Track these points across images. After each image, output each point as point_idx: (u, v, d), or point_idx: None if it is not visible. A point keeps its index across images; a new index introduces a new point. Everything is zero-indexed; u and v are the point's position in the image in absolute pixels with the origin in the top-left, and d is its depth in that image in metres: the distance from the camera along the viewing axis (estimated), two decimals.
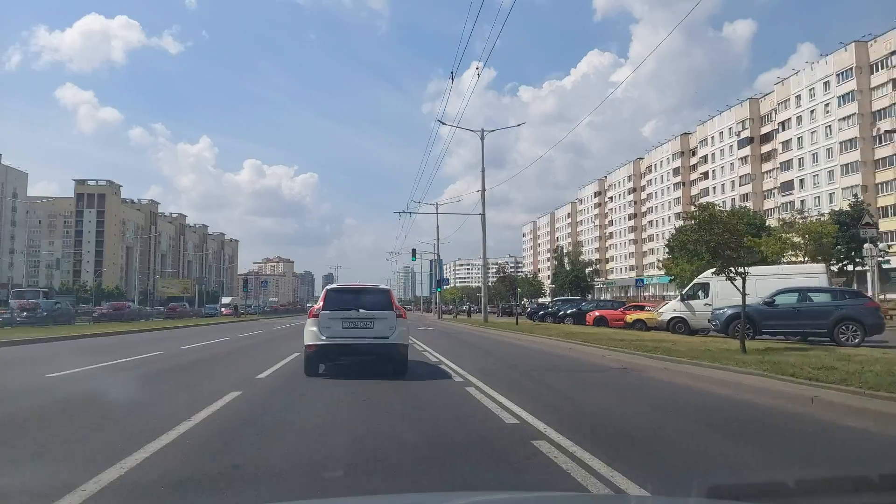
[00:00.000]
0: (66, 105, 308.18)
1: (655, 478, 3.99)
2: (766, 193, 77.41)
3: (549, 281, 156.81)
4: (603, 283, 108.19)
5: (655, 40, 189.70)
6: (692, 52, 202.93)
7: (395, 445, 4.95)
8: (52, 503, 3.41)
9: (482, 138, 31.75)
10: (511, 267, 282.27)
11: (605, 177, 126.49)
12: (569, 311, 30.67)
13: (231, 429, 5.55)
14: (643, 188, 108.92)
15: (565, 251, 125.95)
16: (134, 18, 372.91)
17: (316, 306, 10.02)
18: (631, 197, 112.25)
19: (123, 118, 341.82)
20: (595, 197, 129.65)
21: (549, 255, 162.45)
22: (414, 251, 49.40)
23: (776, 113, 75.13)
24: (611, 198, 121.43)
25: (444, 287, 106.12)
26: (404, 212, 35.73)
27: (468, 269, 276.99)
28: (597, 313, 27.41)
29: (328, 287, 10.61)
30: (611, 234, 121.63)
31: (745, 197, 79.33)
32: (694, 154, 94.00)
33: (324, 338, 9.36)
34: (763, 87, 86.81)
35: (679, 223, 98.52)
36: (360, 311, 9.64)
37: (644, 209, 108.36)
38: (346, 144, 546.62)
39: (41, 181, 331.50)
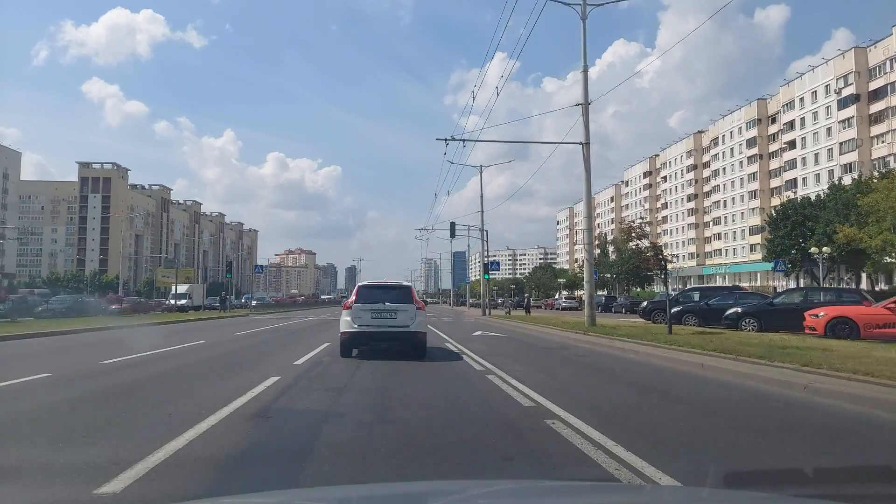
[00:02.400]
0: (93, 99, 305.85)
1: None
2: (876, 163, 63.16)
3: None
4: (657, 273, 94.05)
5: (685, 28, 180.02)
6: (722, 40, 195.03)
7: None
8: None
9: (584, 18, 18.94)
10: (540, 258, 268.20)
11: (657, 154, 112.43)
12: (744, 310, 17.51)
13: None
14: (707, 164, 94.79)
15: (608, 238, 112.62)
16: (159, 12, 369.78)
17: (349, 300, 11.72)
18: (691, 175, 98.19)
19: (149, 111, 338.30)
20: (644, 177, 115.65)
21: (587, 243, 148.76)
22: (453, 225, 37.00)
23: (894, 62, 60.80)
24: (664, 177, 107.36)
25: (470, 279, 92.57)
26: (451, 138, 22.60)
27: (494, 259, 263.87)
28: (822, 312, 14.46)
29: (359, 284, 12.48)
30: (664, 217, 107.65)
31: (847, 168, 65.17)
32: (774, 121, 79.71)
33: (356, 326, 11.22)
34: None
35: (756, 203, 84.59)
36: (386, 304, 11.28)
37: (707, 188, 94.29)
38: (368, 137, 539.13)
39: (70, 175, 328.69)
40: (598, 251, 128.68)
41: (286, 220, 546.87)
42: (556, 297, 69.36)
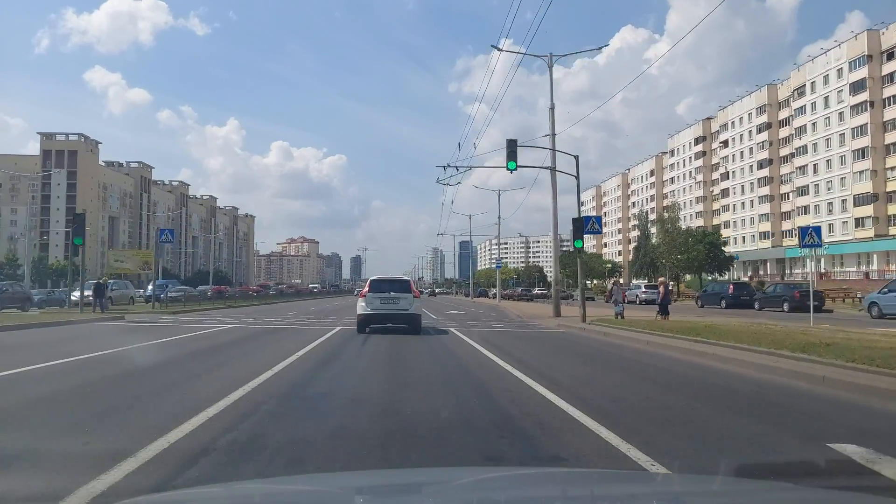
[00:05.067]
0: (95, 87, 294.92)
1: None
2: None
3: (621, 257, 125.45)
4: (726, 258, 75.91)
5: (695, 12, 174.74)
6: (733, 25, 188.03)
7: None
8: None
9: None
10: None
11: (713, 116, 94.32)
12: None
13: None
14: (786, 122, 76.66)
15: (649, 218, 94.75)
16: None
17: (364, 290, 15.69)
18: (763, 136, 79.90)
19: (152, 99, 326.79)
20: (696, 144, 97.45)
21: (620, 226, 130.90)
22: (513, 143, 19.31)
23: None
24: (724, 142, 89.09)
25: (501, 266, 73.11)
26: None
27: (506, 248, 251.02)
28: None
29: (371, 278, 16.46)
30: (725, 191, 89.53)
31: None
32: (892, 57, 61.54)
33: (369, 310, 14.89)
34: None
35: (866, 163, 66.39)
36: (391, 293, 15.12)
37: (787, 151, 76.19)
38: (373, 126, 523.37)
39: None
40: (636, 232, 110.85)
41: (291, 209, 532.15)
42: (630, 287, 51.28)
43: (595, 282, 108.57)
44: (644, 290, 39.62)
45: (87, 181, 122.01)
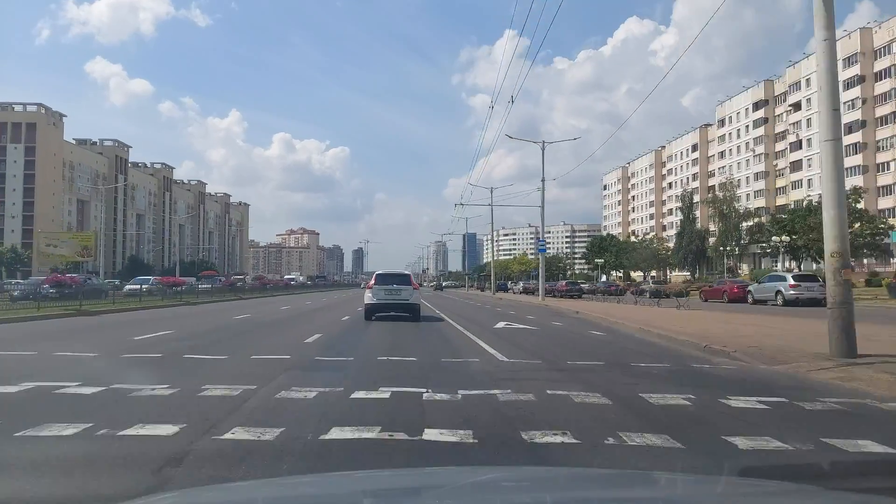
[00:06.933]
0: (97, 79, 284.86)
1: None
2: None
3: (654, 245, 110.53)
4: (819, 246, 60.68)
5: (702, 3, 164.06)
6: (742, 14, 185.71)
7: None
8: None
9: None
10: (567, 235, 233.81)
11: (778, 76, 79.11)
12: None
13: None
14: (885, 73, 61.56)
15: (692, 199, 79.86)
16: None
17: (370, 283, 17.58)
18: (854, 92, 64.61)
19: (153, 91, 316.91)
20: (754, 110, 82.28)
21: (653, 210, 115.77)
22: None
23: None
24: (795, 105, 73.88)
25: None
26: None
27: (514, 239, 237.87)
28: None
29: (377, 273, 18.07)
30: (795, 163, 74.38)
31: None
32: None
33: (375, 300, 16.61)
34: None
35: None
36: (394, 285, 16.96)
37: (889, 111, 61.11)
38: (376, 118, 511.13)
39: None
40: (672, 217, 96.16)
41: (293, 202, 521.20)
42: (765, 279, 35.70)
43: (638, 274, 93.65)
44: (794, 283, 24.76)
45: (49, 158, 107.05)
